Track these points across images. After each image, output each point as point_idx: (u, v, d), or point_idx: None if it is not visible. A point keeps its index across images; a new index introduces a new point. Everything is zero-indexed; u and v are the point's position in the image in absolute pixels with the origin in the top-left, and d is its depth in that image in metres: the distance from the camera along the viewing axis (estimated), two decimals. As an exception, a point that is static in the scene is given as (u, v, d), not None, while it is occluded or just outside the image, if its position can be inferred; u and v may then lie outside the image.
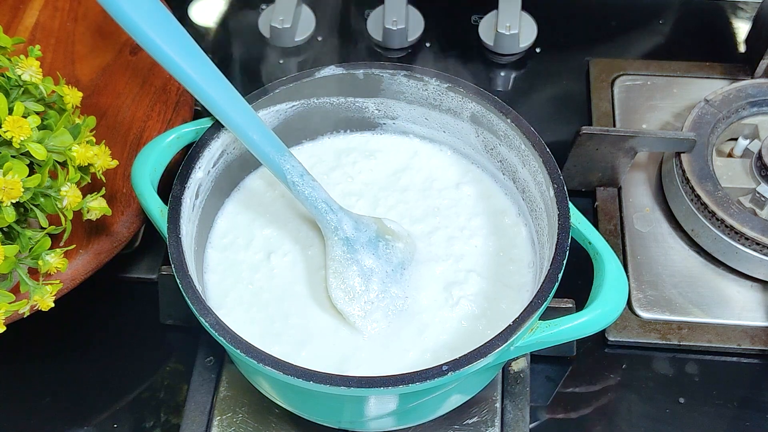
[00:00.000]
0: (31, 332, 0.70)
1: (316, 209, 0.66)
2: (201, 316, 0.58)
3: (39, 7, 0.85)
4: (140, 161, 0.66)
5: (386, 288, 0.66)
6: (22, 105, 0.60)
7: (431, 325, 0.65)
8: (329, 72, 0.70)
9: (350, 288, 0.65)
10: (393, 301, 0.65)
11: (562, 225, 0.62)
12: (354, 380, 0.55)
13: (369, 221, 0.67)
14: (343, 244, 0.66)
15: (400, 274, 0.67)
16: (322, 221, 0.66)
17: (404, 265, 0.67)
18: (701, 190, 0.76)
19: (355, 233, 0.66)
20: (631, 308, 0.75)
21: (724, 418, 0.71)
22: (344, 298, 0.65)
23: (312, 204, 0.65)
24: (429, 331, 0.64)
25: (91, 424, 0.72)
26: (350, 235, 0.66)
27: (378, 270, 0.66)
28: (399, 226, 0.68)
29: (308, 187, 0.65)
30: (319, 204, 0.65)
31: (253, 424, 0.68)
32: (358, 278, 0.65)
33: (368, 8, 0.95)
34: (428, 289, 0.67)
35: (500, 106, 0.68)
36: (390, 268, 0.66)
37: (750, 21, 0.93)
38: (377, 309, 0.65)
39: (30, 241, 0.61)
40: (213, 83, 0.62)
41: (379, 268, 0.66)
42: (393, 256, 0.67)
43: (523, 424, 0.68)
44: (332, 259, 0.66)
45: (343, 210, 0.66)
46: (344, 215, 0.66)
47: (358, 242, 0.66)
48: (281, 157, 0.64)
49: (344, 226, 0.66)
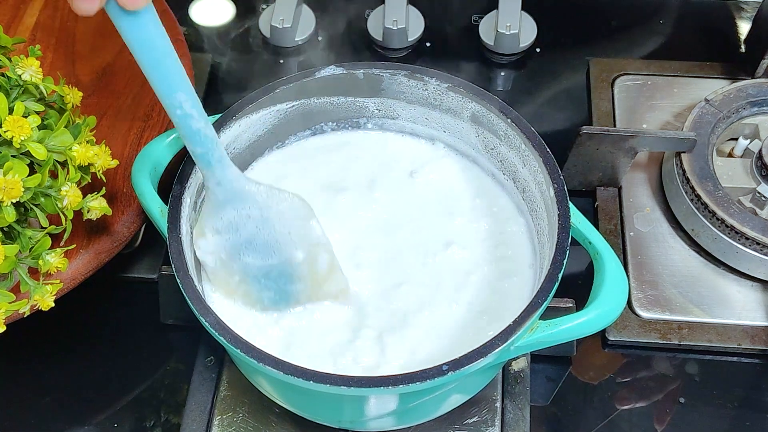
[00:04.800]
0: (31, 332, 0.71)
1: (201, 159, 0.60)
2: (201, 315, 0.58)
3: (39, 6, 0.85)
4: (140, 161, 0.66)
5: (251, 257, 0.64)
6: (22, 105, 0.60)
7: (431, 323, 0.65)
8: (329, 72, 0.70)
9: (212, 228, 0.63)
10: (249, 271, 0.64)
11: (563, 225, 0.62)
12: (354, 380, 0.55)
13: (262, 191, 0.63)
14: (212, 192, 0.62)
15: (244, 250, 0.64)
16: (206, 173, 0.61)
17: (251, 242, 0.63)
18: (701, 189, 0.76)
19: (217, 188, 0.62)
20: (632, 308, 0.75)
21: (724, 417, 0.71)
22: (202, 234, 0.63)
23: (201, 153, 0.60)
24: (429, 330, 0.64)
25: (91, 423, 0.72)
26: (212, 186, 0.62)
27: (224, 234, 0.63)
28: (280, 196, 0.64)
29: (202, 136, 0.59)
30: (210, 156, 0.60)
31: (253, 423, 0.68)
32: (224, 227, 0.63)
33: (368, 8, 0.95)
34: (427, 288, 0.67)
35: (500, 106, 0.68)
36: (240, 240, 0.63)
37: (750, 21, 0.93)
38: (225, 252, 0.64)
39: (30, 240, 0.61)
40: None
41: (226, 231, 0.63)
42: (243, 228, 0.63)
43: (523, 423, 0.68)
44: (207, 198, 0.63)
45: (223, 163, 0.61)
46: (226, 168, 0.61)
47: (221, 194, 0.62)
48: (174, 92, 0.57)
49: (224, 177, 0.61)
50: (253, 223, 0.64)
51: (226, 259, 0.65)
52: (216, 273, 0.65)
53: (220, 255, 0.65)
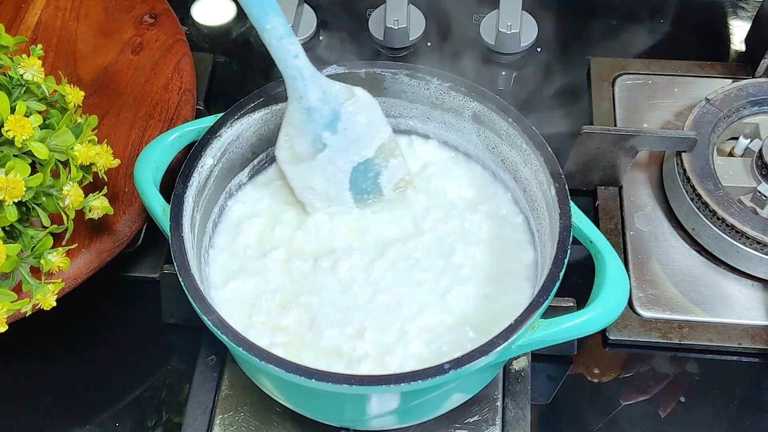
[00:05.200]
0: (33, 331, 0.70)
1: (287, 74, 0.66)
2: (203, 314, 0.58)
3: (41, 6, 0.85)
4: (142, 160, 0.66)
5: (333, 161, 0.67)
6: (24, 104, 0.60)
7: (431, 322, 0.65)
8: (331, 71, 0.70)
9: (297, 153, 0.66)
10: (335, 175, 0.67)
11: (564, 224, 0.62)
12: (356, 378, 0.55)
13: (339, 91, 0.67)
14: (303, 111, 0.66)
15: (354, 150, 0.68)
16: (290, 86, 0.66)
17: (362, 141, 0.68)
18: (702, 189, 0.76)
19: (320, 104, 0.66)
20: (632, 307, 0.75)
21: (724, 417, 0.71)
22: (289, 159, 0.66)
23: (284, 68, 0.65)
24: (429, 329, 0.65)
25: (93, 422, 0.72)
26: (313, 105, 0.66)
27: (331, 144, 0.67)
28: (369, 99, 0.68)
29: (284, 51, 0.65)
30: (291, 70, 0.65)
31: (255, 422, 0.69)
32: (309, 146, 0.66)
33: (370, 7, 0.95)
34: (427, 285, 0.67)
35: (502, 106, 0.68)
36: (345, 144, 0.67)
37: (750, 20, 0.93)
38: (319, 177, 0.67)
39: (32, 240, 0.61)
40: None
41: (333, 142, 0.67)
42: (351, 131, 0.67)
43: (524, 422, 0.68)
44: (289, 123, 0.67)
45: (315, 78, 0.66)
46: (313, 85, 0.66)
47: (318, 112, 0.66)
48: (266, 15, 0.63)
49: (310, 95, 0.66)
50: (342, 125, 0.67)
51: (313, 165, 0.68)
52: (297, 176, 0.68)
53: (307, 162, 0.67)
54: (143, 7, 0.85)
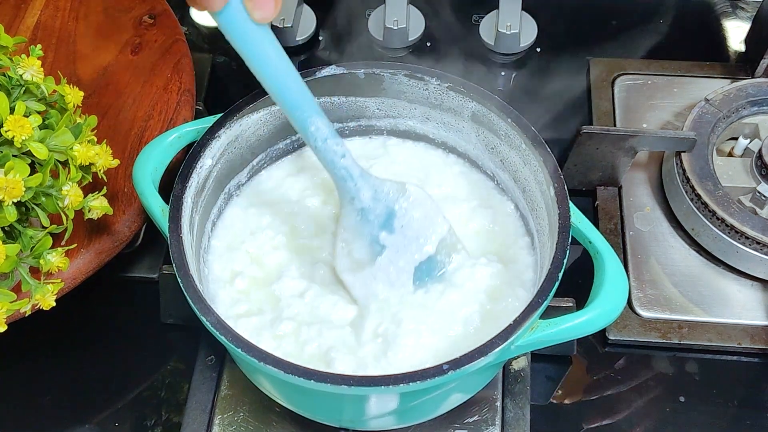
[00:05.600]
0: (32, 331, 0.70)
1: (337, 176, 0.63)
2: (202, 315, 0.58)
3: (40, 6, 0.85)
4: (142, 160, 0.66)
5: (394, 262, 0.64)
6: (23, 104, 0.60)
7: (431, 321, 0.65)
8: (330, 71, 0.70)
9: (356, 259, 0.64)
10: (399, 277, 0.64)
11: (563, 224, 0.62)
12: (355, 379, 0.55)
13: (390, 188, 0.65)
14: (357, 214, 0.64)
15: (415, 247, 0.65)
16: (341, 189, 0.64)
17: (421, 237, 0.65)
18: (702, 189, 0.76)
19: (372, 203, 0.64)
20: (632, 307, 0.75)
21: (724, 416, 0.71)
22: (349, 267, 0.64)
23: (332, 170, 0.63)
24: (429, 328, 0.65)
25: (92, 422, 0.72)
26: (366, 206, 0.64)
27: (390, 244, 0.64)
28: (422, 194, 0.66)
29: (331, 152, 0.62)
30: (340, 171, 0.63)
31: (254, 422, 0.69)
32: (367, 249, 0.64)
33: (369, 8, 0.95)
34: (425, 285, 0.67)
35: (501, 106, 0.68)
36: (405, 242, 0.64)
37: (750, 21, 0.93)
38: (382, 282, 0.64)
39: (31, 240, 0.61)
40: (254, 30, 0.61)
41: (391, 242, 0.64)
42: (408, 228, 0.65)
43: (523, 422, 0.68)
44: (344, 228, 0.64)
45: (365, 177, 0.64)
46: (364, 183, 0.63)
47: (372, 213, 0.64)
48: (309, 117, 0.61)
49: (362, 195, 0.63)
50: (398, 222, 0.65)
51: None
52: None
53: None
54: (142, 8, 0.85)
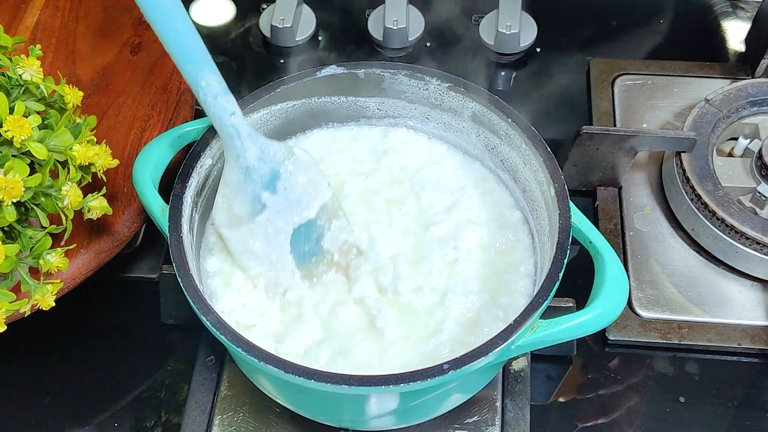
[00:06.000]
0: (32, 331, 0.70)
1: (224, 133, 0.63)
2: (202, 315, 0.58)
3: (40, 6, 0.85)
4: (141, 160, 0.66)
5: (273, 222, 0.65)
6: (23, 104, 0.60)
7: (431, 320, 0.65)
8: (330, 71, 0.70)
9: (236, 215, 0.65)
10: (276, 237, 0.65)
11: (563, 224, 0.62)
12: (355, 379, 0.55)
13: (278, 150, 0.65)
14: (241, 171, 0.64)
15: (296, 210, 0.66)
16: (227, 145, 0.63)
17: (303, 201, 0.66)
18: (701, 189, 0.76)
19: (257, 163, 0.64)
20: (632, 307, 0.75)
21: (724, 417, 0.71)
22: (227, 222, 0.65)
23: (220, 127, 0.62)
24: (430, 327, 0.65)
25: (92, 423, 0.72)
26: (251, 165, 0.64)
27: (271, 204, 0.65)
28: (308, 159, 0.66)
29: (220, 109, 0.61)
30: (227, 128, 0.62)
31: (253, 423, 0.68)
32: (248, 207, 0.65)
33: (369, 8, 0.95)
34: (426, 287, 0.67)
35: (501, 106, 0.68)
36: (286, 204, 0.65)
37: (750, 21, 0.93)
38: (259, 240, 0.65)
39: (31, 240, 0.61)
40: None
41: (272, 203, 0.65)
42: (291, 191, 0.65)
43: (523, 423, 0.68)
44: (226, 183, 0.65)
45: (252, 137, 0.63)
46: (251, 143, 0.63)
47: (257, 173, 0.64)
48: (200, 72, 0.60)
49: (248, 154, 0.63)
50: (281, 184, 0.65)
51: (254, 232, 0.66)
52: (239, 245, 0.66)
53: (248, 231, 0.66)
54: (142, 8, 0.85)
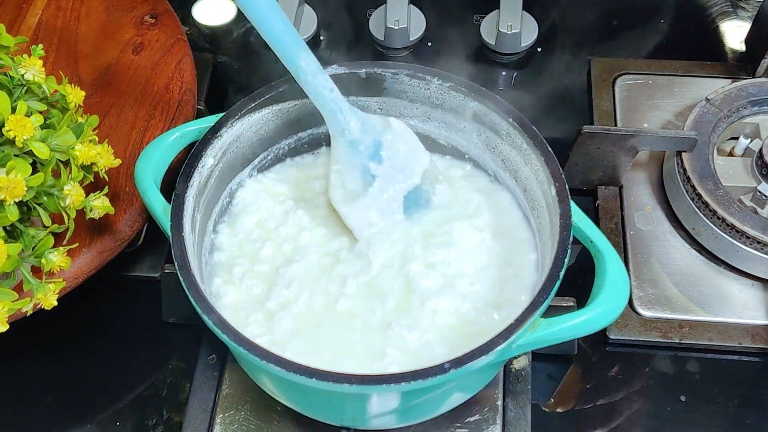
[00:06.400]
0: (34, 330, 0.71)
1: (325, 109, 0.67)
2: (204, 313, 0.58)
3: (42, 6, 0.85)
4: (143, 160, 0.66)
5: (385, 191, 0.68)
6: (25, 104, 0.60)
7: (433, 320, 0.65)
8: (332, 71, 0.70)
9: (350, 190, 0.67)
10: (390, 205, 0.68)
11: (564, 223, 0.62)
12: (356, 377, 0.56)
13: (376, 121, 0.69)
14: (348, 145, 0.67)
15: (401, 177, 0.69)
16: (331, 121, 0.68)
17: (406, 168, 0.69)
18: (702, 188, 0.76)
19: (360, 135, 0.68)
20: (633, 306, 0.75)
21: (724, 416, 0.71)
22: (344, 199, 0.67)
23: (322, 104, 0.67)
24: (431, 327, 0.65)
25: (93, 422, 0.72)
26: (356, 137, 0.68)
27: (380, 174, 0.68)
28: (404, 127, 0.70)
29: (320, 86, 0.66)
30: (329, 104, 0.67)
31: (255, 421, 0.69)
32: (359, 179, 0.67)
33: (370, 8, 0.95)
34: (427, 286, 0.67)
35: (502, 105, 0.68)
36: (392, 173, 0.68)
37: (750, 20, 0.93)
38: (375, 211, 0.67)
39: (33, 239, 0.61)
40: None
41: (380, 172, 0.68)
42: (394, 159, 0.69)
43: (524, 422, 0.68)
44: (336, 159, 0.68)
45: (352, 110, 0.68)
46: (352, 116, 0.68)
47: (362, 144, 0.68)
48: (297, 52, 0.66)
49: (351, 126, 0.67)
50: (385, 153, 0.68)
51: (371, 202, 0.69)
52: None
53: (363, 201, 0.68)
54: (144, 7, 0.85)
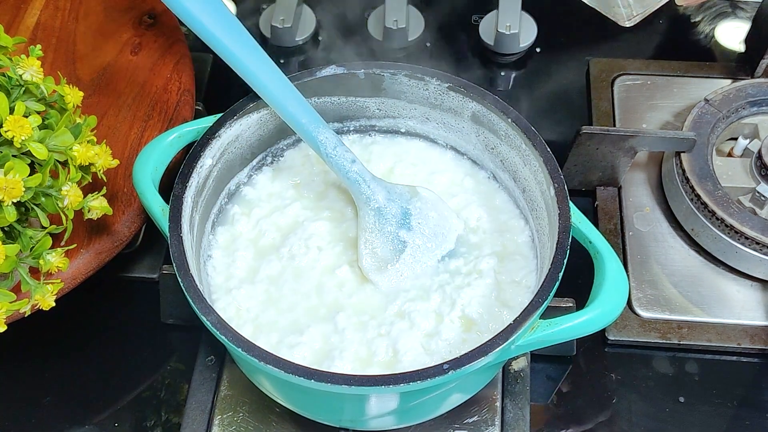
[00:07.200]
0: (32, 331, 0.71)
1: (349, 180, 0.67)
2: (203, 314, 0.58)
3: (40, 6, 0.85)
4: (141, 160, 0.66)
5: (419, 260, 0.67)
6: (23, 104, 0.60)
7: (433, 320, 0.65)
8: (330, 72, 0.70)
9: (381, 257, 0.66)
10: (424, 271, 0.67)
11: (563, 224, 0.62)
12: (354, 378, 0.55)
13: (402, 190, 0.69)
14: (375, 214, 0.67)
15: (434, 245, 0.68)
16: (355, 192, 0.67)
17: (439, 235, 0.68)
18: (701, 189, 0.76)
19: (387, 203, 0.67)
20: (631, 307, 0.75)
21: (723, 417, 0.71)
22: (374, 268, 0.66)
23: (345, 175, 0.67)
24: (431, 327, 0.65)
25: (92, 423, 0.72)
26: (382, 206, 0.67)
27: (410, 241, 0.67)
28: (434, 195, 0.69)
29: (342, 159, 0.66)
30: (352, 175, 0.67)
31: (253, 423, 0.69)
32: (389, 246, 0.66)
33: (369, 8, 0.95)
34: (427, 286, 0.67)
35: (501, 106, 0.68)
36: (424, 240, 0.67)
37: (750, 21, 0.93)
38: (408, 279, 0.66)
39: (31, 240, 0.61)
40: (252, 56, 0.66)
41: (411, 239, 0.67)
42: (426, 227, 0.68)
43: (523, 423, 0.68)
44: (364, 229, 0.67)
45: (376, 180, 0.68)
46: (377, 185, 0.67)
47: (389, 212, 0.67)
48: (316, 129, 0.66)
49: (377, 196, 0.67)
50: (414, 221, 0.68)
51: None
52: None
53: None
54: (142, 8, 0.85)
